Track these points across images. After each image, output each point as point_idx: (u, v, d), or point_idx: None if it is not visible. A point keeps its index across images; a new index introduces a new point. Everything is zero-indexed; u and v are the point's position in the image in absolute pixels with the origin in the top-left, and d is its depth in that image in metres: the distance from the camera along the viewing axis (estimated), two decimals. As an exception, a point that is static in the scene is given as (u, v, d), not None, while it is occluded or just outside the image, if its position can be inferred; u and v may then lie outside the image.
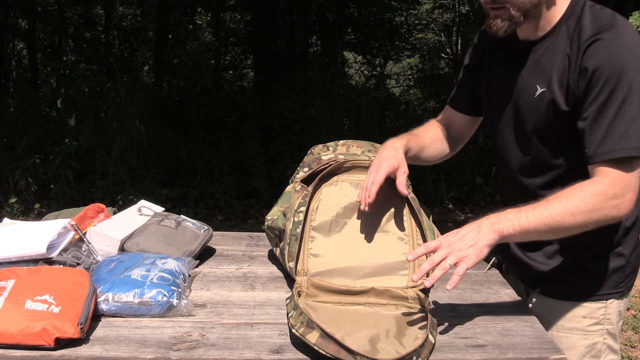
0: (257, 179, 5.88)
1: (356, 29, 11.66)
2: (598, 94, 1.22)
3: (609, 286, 1.39)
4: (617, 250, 1.38)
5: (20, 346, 1.12)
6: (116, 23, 13.36)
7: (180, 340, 1.19)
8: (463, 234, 1.23)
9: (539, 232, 1.23)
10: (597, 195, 1.21)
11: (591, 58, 1.22)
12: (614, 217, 1.23)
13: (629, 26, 1.25)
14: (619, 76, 1.20)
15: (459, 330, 1.28)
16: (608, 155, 1.21)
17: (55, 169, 5.45)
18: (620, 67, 1.20)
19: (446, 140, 1.65)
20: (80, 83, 8.14)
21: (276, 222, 1.53)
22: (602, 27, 1.24)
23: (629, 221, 1.37)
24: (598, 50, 1.22)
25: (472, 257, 1.20)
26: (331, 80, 8.19)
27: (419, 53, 13.06)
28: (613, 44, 1.21)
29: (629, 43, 1.22)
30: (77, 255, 1.46)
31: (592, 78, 1.22)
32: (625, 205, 1.22)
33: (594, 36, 1.23)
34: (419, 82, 12.63)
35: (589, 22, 1.26)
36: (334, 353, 1.09)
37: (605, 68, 1.20)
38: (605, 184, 1.21)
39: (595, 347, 1.39)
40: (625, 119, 1.20)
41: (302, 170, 1.63)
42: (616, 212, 1.22)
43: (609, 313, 1.39)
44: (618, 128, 1.20)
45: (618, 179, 1.21)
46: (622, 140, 1.20)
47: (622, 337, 3.29)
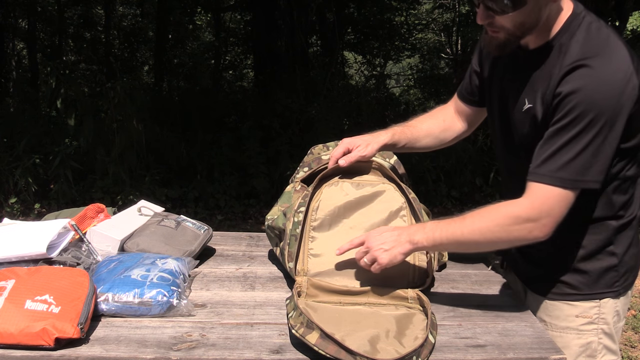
0: (257, 179, 5.88)
1: (356, 29, 11.66)
2: (560, 118, 1.21)
3: (602, 285, 1.38)
4: (609, 249, 1.37)
5: (20, 346, 1.12)
6: (116, 23, 13.36)
7: (180, 340, 1.19)
8: (385, 237, 1.33)
9: (450, 246, 1.31)
10: (509, 217, 1.24)
11: (567, 83, 1.21)
12: (528, 240, 1.25)
13: (621, 55, 1.21)
14: (586, 107, 1.18)
15: (459, 330, 1.28)
16: (542, 178, 1.23)
17: (55, 169, 5.45)
18: (590, 99, 1.17)
19: (449, 129, 1.66)
20: (80, 83, 8.14)
21: (276, 221, 1.53)
22: (588, 52, 1.21)
23: (620, 220, 1.37)
24: (576, 77, 1.20)
25: (385, 261, 1.31)
26: (331, 80, 8.19)
27: (419, 53, 13.05)
28: (592, 73, 1.19)
29: (610, 75, 1.18)
30: (77, 255, 1.46)
31: (561, 102, 1.21)
32: (539, 230, 1.23)
33: (577, 62, 1.21)
34: (419, 82, 12.62)
35: (578, 44, 1.23)
36: (334, 353, 1.09)
37: (575, 95, 1.19)
38: (522, 207, 1.24)
39: (590, 347, 1.39)
40: (574, 149, 1.19)
41: (302, 170, 1.63)
42: (528, 235, 1.24)
43: (604, 313, 1.39)
44: (562, 156, 1.20)
45: (538, 203, 1.22)
46: (562, 170, 1.20)
47: (622, 337, 3.29)
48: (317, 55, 10.46)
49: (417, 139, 1.62)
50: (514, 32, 1.26)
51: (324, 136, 5.86)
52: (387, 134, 1.56)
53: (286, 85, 7.33)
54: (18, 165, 5.49)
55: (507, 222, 1.24)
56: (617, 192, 1.34)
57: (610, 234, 1.37)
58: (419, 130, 1.63)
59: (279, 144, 6.26)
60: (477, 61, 1.57)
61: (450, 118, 1.66)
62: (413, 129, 1.62)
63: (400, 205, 1.45)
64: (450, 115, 1.66)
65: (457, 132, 1.67)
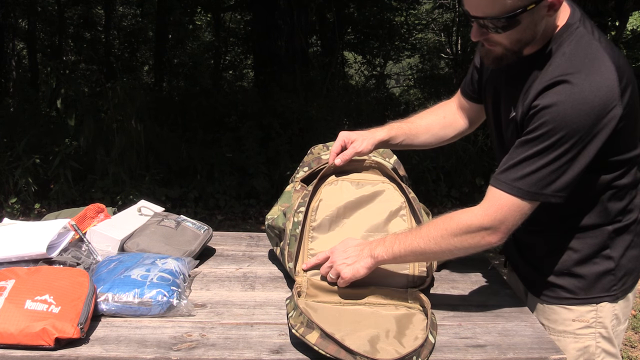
0: (257, 179, 5.88)
1: (356, 29, 11.66)
2: (532, 130, 1.20)
3: (599, 289, 1.37)
4: (605, 253, 1.36)
5: (20, 346, 1.12)
6: (116, 23, 13.36)
7: (180, 340, 1.19)
8: (348, 252, 1.35)
9: (410, 257, 1.31)
10: (462, 226, 1.25)
11: (544, 98, 1.19)
12: (482, 246, 1.26)
13: (605, 72, 1.17)
14: (558, 124, 1.16)
15: (459, 330, 1.28)
16: (501, 185, 1.23)
17: (55, 169, 5.45)
18: (564, 116, 1.15)
19: (450, 125, 1.65)
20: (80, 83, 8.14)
21: (276, 221, 1.53)
22: (571, 68, 1.18)
23: (615, 225, 1.35)
24: (554, 92, 1.18)
25: (347, 275, 1.33)
26: (331, 80, 8.19)
27: (419, 53, 13.05)
28: (571, 90, 1.16)
29: (590, 94, 1.15)
30: (77, 255, 1.46)
31: (536, 115, 1.20)
32: (492, 237, 1.24)
33: (558, 77, 1.18)
34: (419, 82, 12.62)
35: (564, 57, 1.21)
36: (334, 353, 1.09)
37: (549, 110, 1.17)
38: (476, 216, 1.24)
39: (588, 351, 1.39)
40: (538, 163, 1.19)
41: (302, 170, 1.63)
42: (482, 242, 1.25)
43: (601, 317, 1.38)
44: (525, 167, 1.20)
45: (493, 211, 1.23)
46: (521, 181, 1.20)
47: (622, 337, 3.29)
48: (317, 55, 10.46)
49: (416, 135, 1.61)
50: (510, 48, 1.25)
51: (324, 136, 5.86)
52: (384, 130, 1.56)
53: (286, 85, 7.33)
54: (18, 165, 5.49)
55: (460, 231, 1.25)
56: (612, 200, 1.33)
57: (605, 238, 1.35)
58: (418, 126, 1.62)
59: (279, 144, 6.26)
60: (479, 58, 1.55)
61: (451, 114, 1.65)
62: (411, 125, 1.62)
63: (400, 204, 1.45)
64: (451, 111, 1.66)
65: (458, 129, 1.66)
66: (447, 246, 1.26)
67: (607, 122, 1.17)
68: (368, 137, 1.52)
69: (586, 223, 1.34)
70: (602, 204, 1.33)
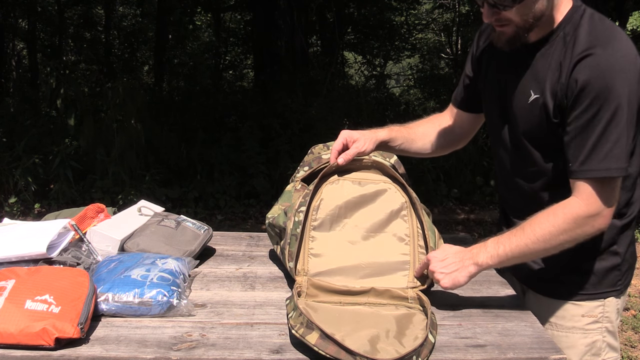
0: (257, 179, 5.88)
1: (356, 29, 11.66)
2: (584, 110, 1.22)
3: (607, 284, 1.39)
4: (613, 248, 1.38)
5: (20, 346, 1.12)
6: (116, 23, 13.36)
7: (180, 340, 1.19)
8: (447, 262, 1.33)
9: (516, 259, 1.30)
10: (570, 219, 1.25)
11: (581, 73, 1.22)
12: (590, 234, 1.26)
13: (626, 42, 1.23)
14: (607, 95, 1.19)
15: (459, 330, 1.28)
16: (590, 174, 1.23)
17: (55, 169, 5.45)
18: (608, 86, 1.19)
19: (445, 135, 1.66)
20: (80, 83, 8.14)
21: (277, 220, 1.53)
22: (596, 41, 1.23)
23: (623, 220, 1.38)
24: (588, 66, 1.21)
25: (447, 284, 1.32)
26: (331, 80, 8.19)
27: (419, 53, 13.06)
28: (604, 61, 1.20)
29: (622, 61, 1.20)
30: (77, 255, 1.46)
31: (580, 94, 1.22)
32: (601, 221, 1.25)
33: (587, 50, 1.22)
34: (419, 82, 12.62)
35: (585, 33, 1.25)
36: (334, 354, 1.09)
37: (593, 85, 1.20)
38: (580, 206, 1.24)
39: (595, 346, 1.40)
40: (610, 139, 1.21)
41: (302, 170, 1.63)
42: (592, 230, 1.26)
43: (607, 311, 1.40)
44: (602, 148, 1.22)
45: (595, 199, 1.24)
46: (605, 161, 1.22)
47: (622, 337, 3.29)
48: (317, 55, 10.47)
49: (413, 140, 1.62)
50: (522, 25, 1.27)
51: (324, 136, 5.86)
52: (384, 131, 1.57)
53: (286, 85, 7.33)
54: (18, 165, 5.49)
55: (569, 225, 1.25)
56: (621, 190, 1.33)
57: (614, 233, 1.37)
58: (415, 132, 1.63)
59: (279, 144, 6.26)
60: (469, 66, 1.58)
61: (446, 124, 1.66)
62: (410, 130, 1.63)
63: (402, 204, 1.45)
64: (446, 121, 1.67)
65: (452, 139, 1.67)
66: (558, 242, 1.26)
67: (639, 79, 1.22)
68: (370, 137, 1.52)
69: None
70: None
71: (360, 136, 1.51)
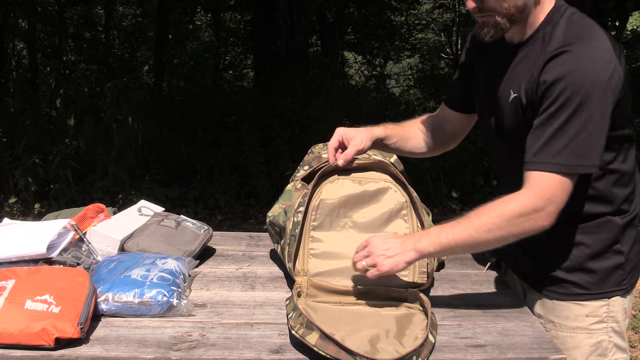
0: (257, 179, 5.88)
1: (356, 29, 11.66)
2: (549, 105, 1.22)
3: (611, 284, 1.38)
4: (616, 247, 1.38)
5: (20, 346, 1.12)
6: (116, 23, 13.36)
7: (180, 340, 1.19)
8: (389, 244, 1.30)
9: (458, 249, 1.29)
10: (515, 211, 1.24)
11: (551, 70, 1.22)
12: (535, 230, 1.25)
13: (602, 41, 1.23)
14: (574, 90, 1.19)
15: (459, 330, 1.28)
16: (541, 167, 1.23)
17: (54, 169, 5.45)
18: (577, 82, 1.19)
19: (437, 135, 1.66)
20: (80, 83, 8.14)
21: (277, 218, 1.53)
22: (571, 38, 1.23)
23: (624, 218, 1.37)
24: (560, 62, 1.21)
25: (385, 268, 1.28)
26: (331, 80, 8.19)
27: (419, 53, 13.07)
28: (576, 58, 1.20)
29: (593, 59, 1.20)
30: (77, 255, 1.46)
31: (547, 90, 1.22)
32: (543, 219, 1.23)
33: (560, 48, 1.23)
34: (419, 82, 12.63)
35: (561, 32, 1.26)
36: (334, 354, 1.09)
37: (562, 81, 1.20)
38: (527, 198, 1.24)
39: (601, 346, 1.39)
40: (568, 134, 1.20)
41: (302, 169, 1.63)
42: (535, 225, 1.24)
43: (613, 311, 1.39)
44: (558, 142, 1.21)
45: (542, 193, 1.23)
46: (558, 156, 1.21)
47: (622, 337, 3.28)
48: (317, 55, 10.47)
49: (408, 138, 1.63)
50: (505, 14, 1.27)
51: (324, 136, 5.84)
52: (380, 128, 1.57)
53: (286, 85, 7.33)
54: (18, 165, 5.49)
55: (513, 216, 1.24)
56: (617, 186, 1.34)
57: (616, 232, 1.37)
58: (409, 130, 1.64)
59: (279, 144, 6.26)
60: (461, 67, 1.59)
61: (438, 124, 1.67)
62: (404, 128, 1.64)
63: (402, 204, 1.45)
64: (438, 121, 1.67)
65: (445, 139, 1.67)
66: (501, 234, 1.25)
67: (614, 83, 1.21)
68: (365, 134, 1.52)
69: (592, 211, 1.35)
70: (608, 190, 1.34)
71: (356, 134, 1.51)
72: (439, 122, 1.67)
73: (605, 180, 1.33)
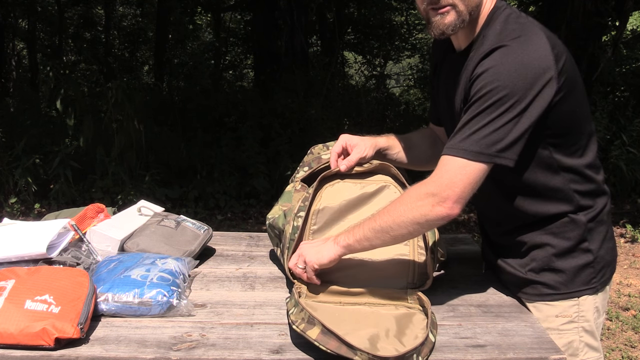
0: (257, 179, 5.88)
1: (356, 29, 11.66)
2: (472, 96, 1.23)
3: (580, 283, 1.38)
4: (584, 246, 1.37)
5: (20, 346, 1.12)
6: (116, 23, 13.37)
7: (180, 340, 1.19)
8: (314, 245, 1.37)
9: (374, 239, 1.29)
10: (413, 195, 1.25)
11: (481, 67, 1.22)
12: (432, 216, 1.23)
13: (538, 40, 1.21)
14: (497, 84, 1.19)
15: (459, 330, 1.28)
16: (447, 151, 1.24)
17: (54, 169, 5.45)
18: (502, 76, 1.18)
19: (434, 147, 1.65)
20: (80, 83, 8.14)
21: (277, 221, 1.53)
22: (504, 37, 1.23)
23: (587, 215, 1.36)
24: (490, 59, 1.21)
25: (312, 259, 1.33)
26: (331, 80, 8.19)
27: (419, 53, 13.05)
28: (505, 55, 1.20)
29: (525, 56, 1.19)
30: (77, 255, 1.46)
31: (474, 82, 1.23)
32: (441, 203, 1.22)
33: (491, 46, 1.23)
34: (419, 82, 12.62)
35: (495, 33, 1.26)
36: (335, 349, 1.09)
37: (487, 74, 1.20)
38: (425, 182, 1.24)
39: (572, 346, 1.39)
40: (480, 123, 1.20)
41: (302, 170, 1.63)
42: (432, 211, 1.23)
43: (583, 310, 1.38)
44: (469, 129, 1.21)
45: (439, 175, 1.23)
46: (464, 141, 1.21)
47: (622, 337, 3.29)
48: (317, 55, 10.47)
49: (409, 148, 1.62)
50: (461, 9, 1.26)
51: (324, 136, 5.86)
52: (383, 138, 1.57)
53: (286, 85, 7.33)
54: (18, 165, 5.49)
55: (411, 200, 1.24)
56: (574, 182, 1.34)
57: (582, 230, 1.36)
58: (411, 141, 1.64)
59: (279, 144, 6.26)
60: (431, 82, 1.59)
61: (434, 137, 1.67)
62: (406, 139, 1.64)
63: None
64: (434, 134, 1.68)
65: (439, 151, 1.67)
66: (402, 219, 1.24)
67: (545, 84, 1.20)
68: (369, 143, 1.52)
69: (552, 211, 1.35)
70: (565, 188, 1.33)
71: (359, 142, 1.50)
72: (435, 135, 1.68)
73: (561, 178, 1.32)
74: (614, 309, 3.63)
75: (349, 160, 1.47)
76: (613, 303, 3.70)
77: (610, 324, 3.43)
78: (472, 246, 1.84)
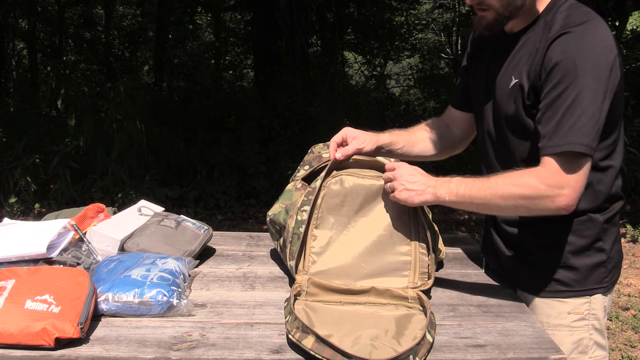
0: (257, 179, 5.89)
1: (356, 29, 11.66)
2: (553, 88, 1.24)
3: (593, 281, 1.39)
4: (598, 245, 1.38)
5: (20, 346, 1.12)
6: (116, 23, 13.37)
7: (180, 340, 1.19)
8: (414, 178, 1.34)
9: (471, 205, 1.31)
10: (532, 184, 1.24)
11: (553, 52, 1.24)
12: (548, 209, 1.25)
13: (603, 27, 1.25)
14: (576, 73, 1.21)
15: (459, 330, 1.28)
16: (554, 149, 1.24)
17: (54, 169, 5.45)
18: (578, 64, 1.21)
19: (445, 138, 1.67)
20: (80, 83, 8.14)
21: (277, 216, 1.53)
22: (572, 23, 1.25)
23: (605, 215, 1.38)
24: (561, 44, 1.23)
25: (401, 197, 1.33)
26: (331, 80, 8.20)
27: (419, 53, 13.07)
28: (577, 40, 1.22)
29: (595, 41, 1.22)
30: (77, 255, 1.46)
31: (551, 72, 1.24)
32: (561, 199, 1.23)
33: (561, 30, 1.25)
34: (419, 82, 12.63)
35: (562, 17, 1.28)
36: (330, 357, 1.09)
37: (563, 63, 1.22)
38: (544, 175, 1.24)
39: (582, 343, 1.40)
40: (575, 114, 1.21)
41: (302, 169, 1.63)
42: (550, 204, 1.24)
43: (594, 308, 1.40)
44: (566, 123, 1.22)
45: (558, 172, 1.23)
46: (568, 135, 1.22)
47: (622, 337, 3.29)
48: (317, 55, 10.47)
49: (415, 143, 1.63)
50: (502, 12, 1.30)
51: (324, 136, 5.85)
52: (386, 134, 1.58)
53: (286, 85, 7.34)
54: (18, 165, 5.50)
55: (531, 191, 1.24)
56: (600, 184, 1.35)
57: (598, 229, 1.38)
58: (416, 135, 1.65)
59: (279, 144, 6.27)
60: (465, 64, 1.60)
61: (445, 126, 1.68)
62: (411, 133, 1.64)
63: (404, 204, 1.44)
64: (445, 124, 1.68)
65: (452, 142, 1.68)
66: (515, 204, 1.26)
67: (615, 69, 1.23)
68: (370, 137, 1.53)
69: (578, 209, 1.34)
70: (592, 187, 1.34)
71: (360, 134, 1.52)
72: (445, 125, 1.68)
73: (591, 176, 1.32)
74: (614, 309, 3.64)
75: (345, 149, 1.47)
76: (613, 303, 3.70)
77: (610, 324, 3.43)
78: (472, 246, 1.84)
